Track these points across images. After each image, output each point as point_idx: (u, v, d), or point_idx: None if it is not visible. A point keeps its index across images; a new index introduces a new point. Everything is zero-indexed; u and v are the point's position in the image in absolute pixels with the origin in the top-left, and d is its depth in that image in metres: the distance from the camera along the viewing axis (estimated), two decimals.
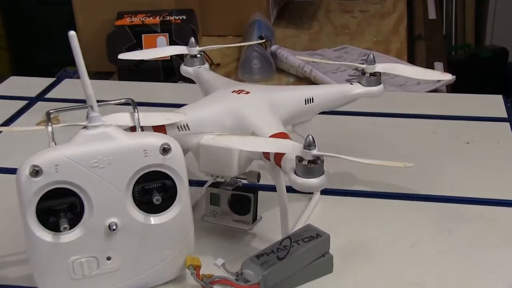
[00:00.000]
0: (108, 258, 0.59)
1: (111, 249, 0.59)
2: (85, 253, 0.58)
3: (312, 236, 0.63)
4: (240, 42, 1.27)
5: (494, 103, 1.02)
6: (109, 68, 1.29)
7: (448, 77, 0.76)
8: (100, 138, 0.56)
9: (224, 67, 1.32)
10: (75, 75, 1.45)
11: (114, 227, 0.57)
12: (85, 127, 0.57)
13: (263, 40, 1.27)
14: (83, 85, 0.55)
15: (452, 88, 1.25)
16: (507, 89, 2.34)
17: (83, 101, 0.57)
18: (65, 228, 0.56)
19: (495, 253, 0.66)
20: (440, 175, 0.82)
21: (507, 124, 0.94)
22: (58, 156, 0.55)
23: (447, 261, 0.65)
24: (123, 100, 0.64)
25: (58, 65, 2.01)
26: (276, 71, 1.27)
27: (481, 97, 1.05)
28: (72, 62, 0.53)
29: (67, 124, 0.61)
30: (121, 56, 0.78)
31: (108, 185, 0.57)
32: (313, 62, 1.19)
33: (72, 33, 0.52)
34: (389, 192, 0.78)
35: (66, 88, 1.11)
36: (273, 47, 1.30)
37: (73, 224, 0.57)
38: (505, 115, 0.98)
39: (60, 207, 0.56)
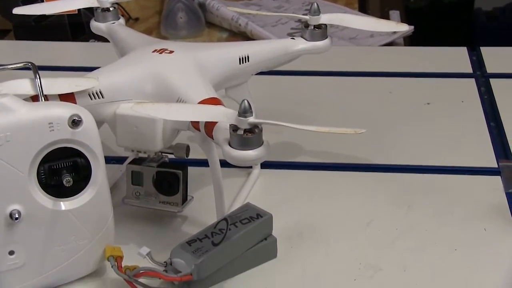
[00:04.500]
0: (11, 253, 0.59)
1: (14, 241, 0.58)
2: None
3: (252, 217, 0.64)
4: None
5: (458, 57, 1.05)
6: (2, 25, 1.27)
7: (405, 28, 0.78)
8: None
9: (144, 21, 1.31)
10: None
11: (17, 216, 0.57)
12: None
13: None
14: None
15: (410, 40, 1.28)
16: (473, 40, 2.40)
17: None
18: None
19: (461, 228, 0.69)
20: (397, 141, 0.84)
21: (472, 81, 0.97)
22: None
23: (407, 240, 0.68)
24: (21, 64, 0.63)
25: None
26: (206, 26, 1.27)
27: (443, 50, 1.08)
28: None
29: None
30: (16, 10, 0.76)
31: (7, 166, 0.56)
32: (249, 14, 1.20)
33: None
34: (338, 163, 0.80)
35: None
36: None
37: None
38: (470, 70, 1.01)
39: None
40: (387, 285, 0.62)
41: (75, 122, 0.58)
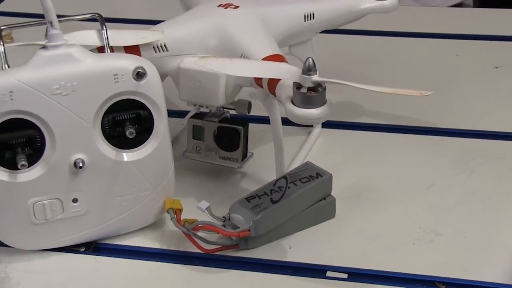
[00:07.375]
0: (74, 200, 0.60)
1: (78, 190, 0.60)
2: (47, 194, 0.59)
3: (312, 176, 0.64)
4: None
5: None
6: None
7: None
8: (62, 60, 0.57)
9: None
10: None
11: (81, 165, 0.58)
12: (43, 47, 0.57)
13: None
14: None
15: (480, 1, 1.25)
16: None
17: (41, 16, 0.57)
18: (23, 165, 0.57)
19: None
20: (462, 105, 0.83)
21: None
22: (12, 82, 0.56)
23: (468, 205, 0.67)
24: (88, 15, 0.64)
25: None
26: None
27: None
28: None
29: (22, 43, 0.61)
30: None
31: (72, 115, 0.57)
32: None
33: None
34: (401, 125, 0.79)
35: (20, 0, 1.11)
36: None
37: (32, 160, 0.58)
38: None
39: (16, 141, 0.57)
40: (447, 251, 0.61)
41: (139, 75, 0.58)
